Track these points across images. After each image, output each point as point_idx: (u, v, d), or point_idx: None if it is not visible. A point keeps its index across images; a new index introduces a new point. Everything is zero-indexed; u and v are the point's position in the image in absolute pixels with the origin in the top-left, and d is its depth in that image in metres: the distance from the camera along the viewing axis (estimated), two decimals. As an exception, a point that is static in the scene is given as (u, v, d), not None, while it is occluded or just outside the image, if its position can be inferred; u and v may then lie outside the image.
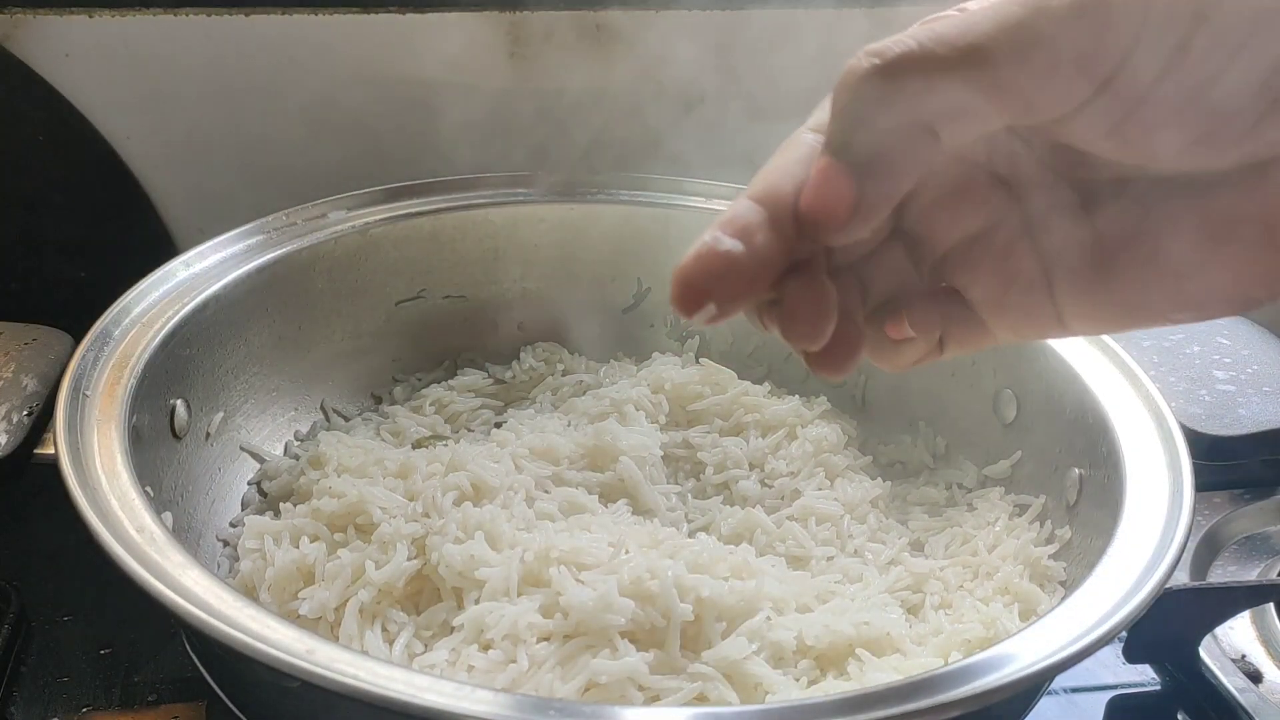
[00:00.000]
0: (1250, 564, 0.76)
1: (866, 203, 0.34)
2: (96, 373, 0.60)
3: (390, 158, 0.91)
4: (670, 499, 0.70)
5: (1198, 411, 0.79)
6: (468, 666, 0.55)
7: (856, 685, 0.55)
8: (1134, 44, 0.31)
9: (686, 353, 0.83)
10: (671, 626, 0.55)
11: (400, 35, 0.88)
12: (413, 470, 0.66)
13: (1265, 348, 0.86)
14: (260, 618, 0.45)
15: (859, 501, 0.70)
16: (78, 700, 0.63)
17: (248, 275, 0.72)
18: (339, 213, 0.78)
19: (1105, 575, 0.51)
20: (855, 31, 0.91)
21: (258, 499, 0.71)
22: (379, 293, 0.81)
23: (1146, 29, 0.31)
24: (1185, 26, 0.31)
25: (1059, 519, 0.65)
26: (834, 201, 0.34)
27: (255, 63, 0.86)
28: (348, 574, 0.59)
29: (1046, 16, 0.32)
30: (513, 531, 0.61)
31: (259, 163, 0.90)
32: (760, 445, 0.74)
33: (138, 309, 0.65)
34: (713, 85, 0.94)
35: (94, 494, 0.52)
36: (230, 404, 0.71)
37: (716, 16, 0.91)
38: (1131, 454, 0.60)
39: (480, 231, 0.83)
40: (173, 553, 0.49)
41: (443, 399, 0.79)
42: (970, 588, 0.64)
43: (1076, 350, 0.68)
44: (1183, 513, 0.55)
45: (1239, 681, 0.65)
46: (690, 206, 0.83)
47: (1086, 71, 0.32)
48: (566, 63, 0.91)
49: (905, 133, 0.34)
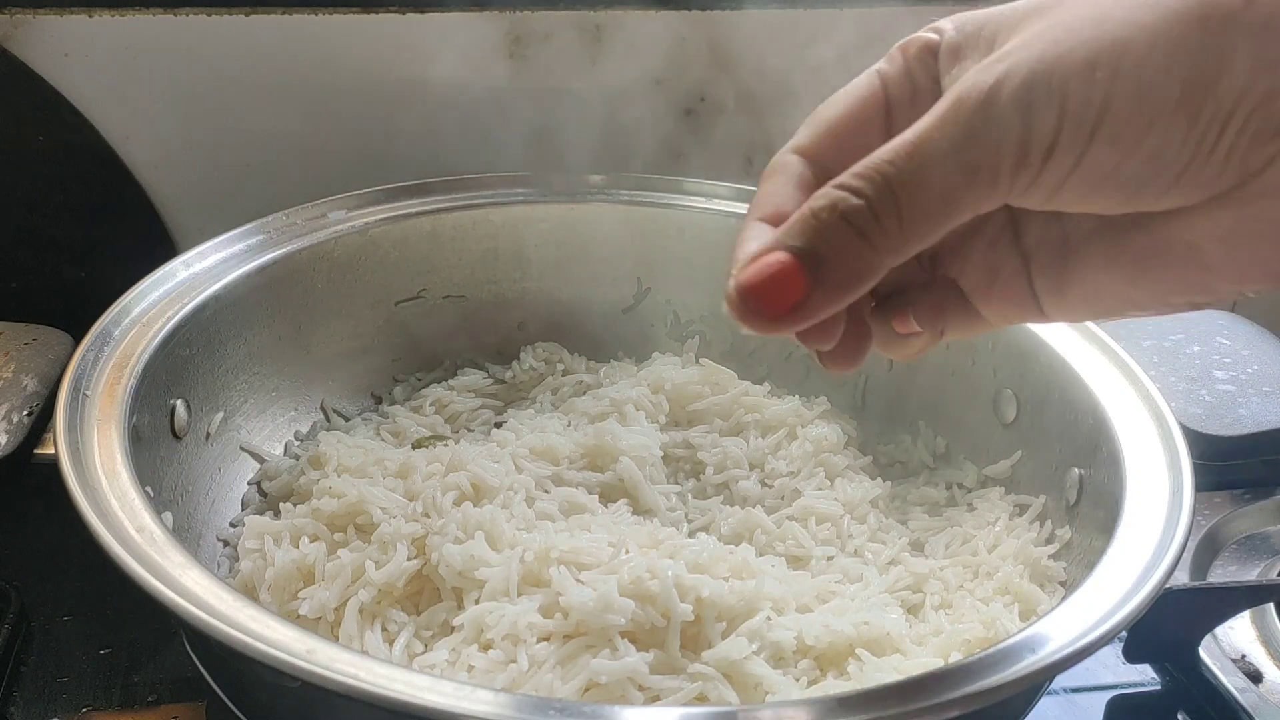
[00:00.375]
0: (1250, 564, 0.76)
1: (808, 309, 0.37)
2: (96, 373, 0.60)
3: (390, 158, 0.91)
4: (670, 499, 0.70)
5: (1198, 411, 0.79)
6: (468, 666, 0.55)
7: (856, 685, 0.55)
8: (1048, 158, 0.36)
9: (686, 353, 0.83)
10: (671, 626, 0.55)
11: (400, 35, 0.88)
12: (413, 470, 0.66)
13: (1265, 348, 0.86)
14: (260, 618, 0.45)
15: (859, 501, 0.70)
16: (78, 700, 0.63)
17: (248, 275, 0.72)
18: (339, 213, 0.78)
19: (1105, 575, 0.51)
20: (855, 32, 0.91)
21: (258, 499, 0.71)
22: (379, 293, 0.81)
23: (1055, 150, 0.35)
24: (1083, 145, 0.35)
25: (1059, 519, 0.65)
26: (777, 301, 0.37)
27: (255, 63, 0.86)
28: (348, 574, 0.59)
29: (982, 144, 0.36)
30: (513, 531, 0.61)
31: (259, 163, 0.90)
32: (760, 445, 0.74)
33: (138, 309, 0.65)
34: (713, 85, 0.94)
35: (94, 494, 0.52)
36: (230, 404, 0.71)
37: (716, 16, 0.91)
38: (1131, 454, 0.60)
39: (480, 231, 0.83)
40: (173, 553, 0.49)
41: (443, 399, 0.79)
42: (970, 588, 0.64)
43: (1077, 350, 0.68)
44: (1183, 513, 0.55)
45: (1239, 681, 0.65)
46: (690, 206, 0.83)
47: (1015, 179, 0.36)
48: (566, 63, 0.91)
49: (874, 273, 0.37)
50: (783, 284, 0.37)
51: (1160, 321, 0.83)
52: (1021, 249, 0.43)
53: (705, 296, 0.85)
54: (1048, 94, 0.35)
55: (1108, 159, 0.35)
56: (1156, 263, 0.39)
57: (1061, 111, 0.35)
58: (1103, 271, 0.40)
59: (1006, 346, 0.72)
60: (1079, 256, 0.41)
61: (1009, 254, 0.43)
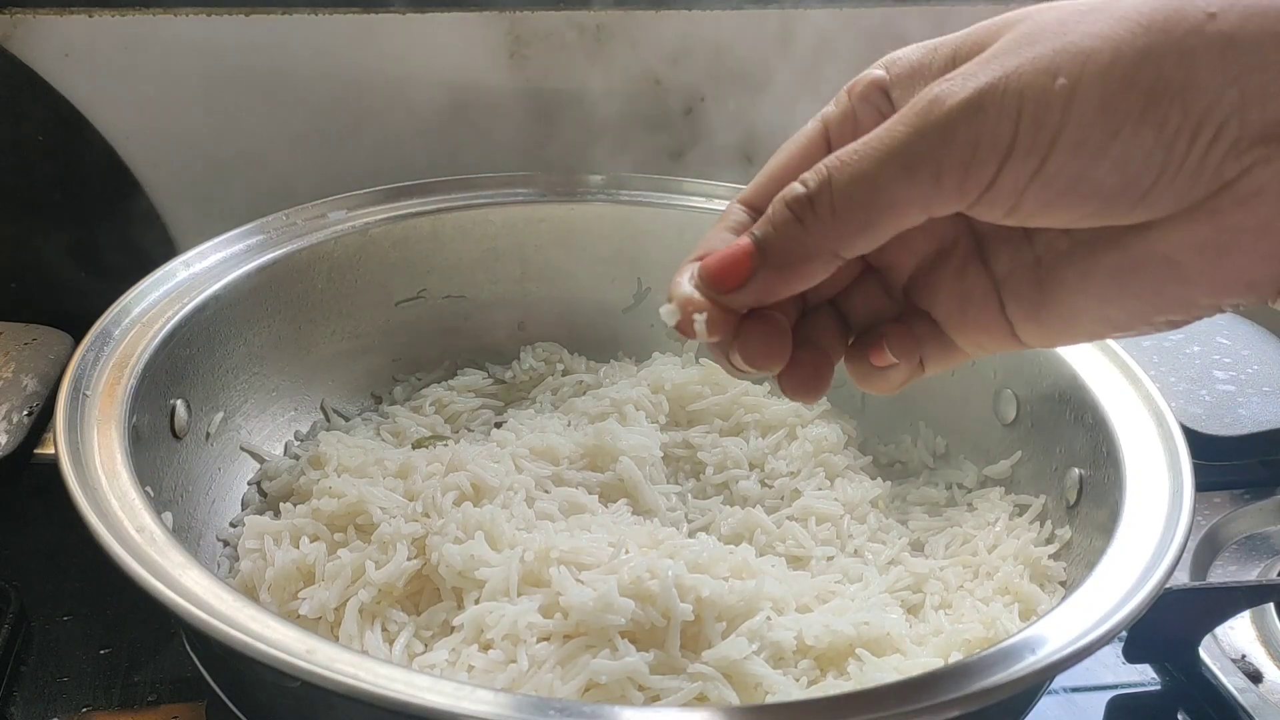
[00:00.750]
0: (1250, 564, 0.76)
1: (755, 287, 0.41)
2: (96, 373, 0.60)
3: (390, 157, 0.91)
4: (670, 499, 0.70)
5: (1198, 411, 0.79)
6: (468, 666, 0.55)
7: (856, 685, 0.55)
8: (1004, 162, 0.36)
9: (686, 353, 0.83)
10: (671, 626, 0.55)
11: (400, 35, 0.88)
12: (413, 470, 0.66)
13: (1265, 348, 0.86)
14: (260, 618, 0.45)
15: (859, 501, 0.70)
16: (78, 700, 0.63)
17: (248, 275, 0.72)
18: (339, 213, 0.78)
19: (1105, 575, 0.51)
20: (855, 32, 0.91)
21: (258, 499, 0.71)
22: (379, 293, 0.81)
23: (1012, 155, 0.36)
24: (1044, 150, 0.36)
25: (1059, 519, 0.65)
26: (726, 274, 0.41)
27: (255, 63, 0.86)
28: (348, 574, 0.59)
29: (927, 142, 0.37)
30: (513, 531, 0.61)
31: (259, 163, 0.90)
32: (760, 445, 0.74)
33: (138, 309, 0.65)
34: (713, 85, 0.94)
35: (94, 494, 0.52)
36: (230, 404, 0.71)
37: (717, 16, 0.91)
38: (1131, 454, 0.60)
39: (480, 231, 0.83)
40: (173, 553, 0.49)
41: (443, 399, 0.79)
42: (970, 588, 0.64)
43: (1076, 350, 0.68)
44: (1183, 513, 0.55)
45: (1239, 681, 0.65)
46: (690, 206, 0.83)
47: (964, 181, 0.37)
48: (566, 63, 0.91)
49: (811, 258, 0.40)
50: (735, 264, 0.41)
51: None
52: (992, 276, 0.43)
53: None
54: (1003, 98, 0.35)
55: (1072, 166, 0.35)
56: (1134, 280, 0.38)
57: (1018, 115, 0.35)
58: (1079, 293, 0.40)
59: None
60: (1053, 279, 0.41)
61: (978, 281, 0.43)
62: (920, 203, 0.38)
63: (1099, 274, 0.39)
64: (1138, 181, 0.35)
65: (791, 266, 0.40)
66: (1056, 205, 0.37)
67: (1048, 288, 0.41)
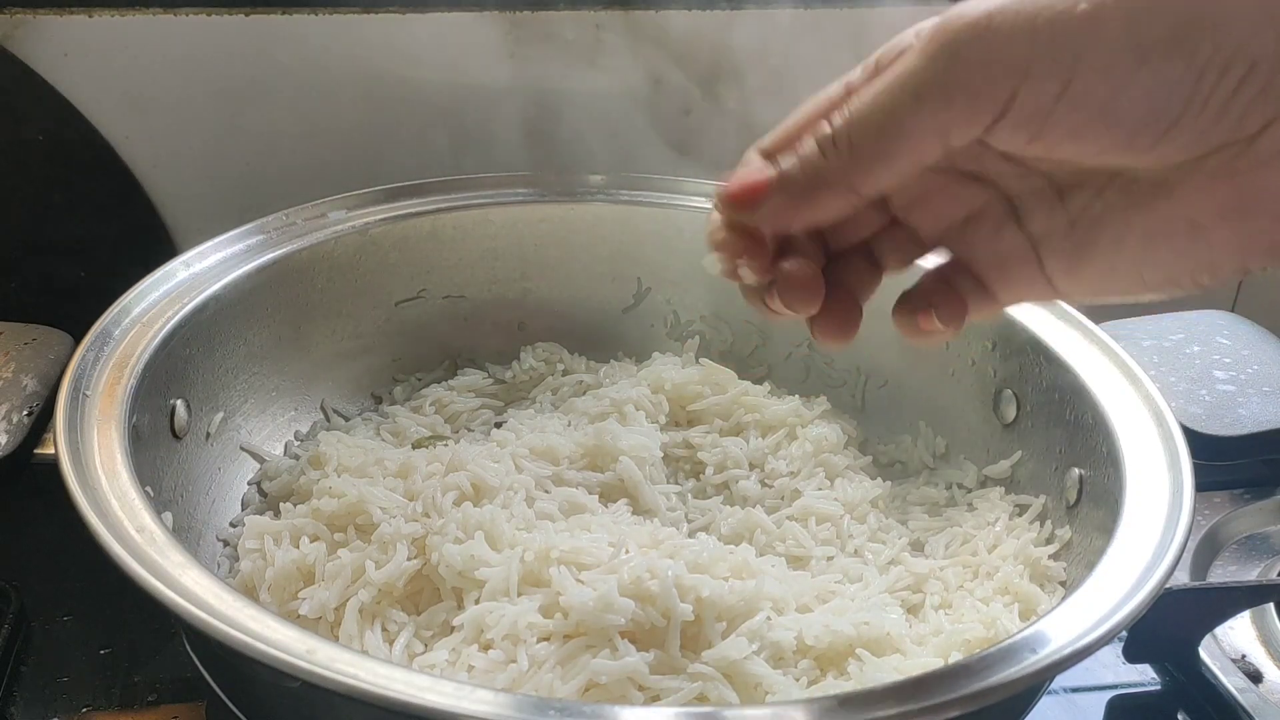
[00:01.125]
0: (1250, 564, 0.76)
1: (771, 210, 0.42)
2: (96, 373, 0.60)
3: (389, 158, 0.91)
4: (670, 499, 0.70)
5: (1198, 411, 0.79)
6: (468, 666, 0.55)
7: (856, 685, 0.55)
8: (1021, 82, 0.36)
9: (686, 353, 0.83)
10: (671, 626, 0.55)
11: (400, 35, 0.88)
12: (413, 470, 0.66)
13: (1265, 348, 0.86)
14: (260, 618, 0.45)
15: (859, 501, 0.70)
16: (78, 700, 0.63)
17: (248, 275, 0.72)
18: (339, 213, 0.78)
19: (1105, 575, 0.51)
20: (856, 31, 0.91)
21: (258, 499, 0.71)
22: (379, 293, 0.81)
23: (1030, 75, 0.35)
24: (1066, 70, 0.35)
25: (1059, 519, 0.65)
26: (745, 195, 0.42)
27: (255, 63, 0.86)
28: (348, 574, 0.59)
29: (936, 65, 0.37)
30: (513, 531, 0.61)
31: (258, 163, 0.90)
32: (760, 445, 0.74)
33: (138, 309, 0.65)
34: (713, 85, 0.94)
35: (94, 494, 0.52)
36: (230, 404, 0.71)
37: (717, 16, 0.91)
38: (1131, 454, 0.60)
39: (480, 231, 0.83)
40: (173, 553, 0.49)
41: (443, 399, 0.79)
42: (970, 588, 0.64)
43: (1077, 350, 0.68)
44: (1183, 513, 0.55)
45: (1239, 681, 0.65)
46: (690, 206, 0.83)
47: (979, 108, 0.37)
48: (566, 63, 0.91)
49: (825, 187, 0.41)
50: (753, 186, 0.42)
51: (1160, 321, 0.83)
52: (1029, 235, 0.43)
53: (705, 296, 0.85)
54: (1015, 17, 0.35)
55: (1101, 89, 0.35)
56: (1163, 242, 0.39)
57: (1032, 33, 0.35)
58: (1114, 254, 0.41)
59: (1006, 346, 0.72)
60: (1089, 240, 0.41)
61: (1015, 240, 0.44)
62: (935, 129, 0.38)
63: (1131, 238, 0.40)
64: (1165, 112, 0.35)
65: (805, 195, 0.41)
66: (1084, 132, 0.36)
67: (1085, 249, 0.42)
